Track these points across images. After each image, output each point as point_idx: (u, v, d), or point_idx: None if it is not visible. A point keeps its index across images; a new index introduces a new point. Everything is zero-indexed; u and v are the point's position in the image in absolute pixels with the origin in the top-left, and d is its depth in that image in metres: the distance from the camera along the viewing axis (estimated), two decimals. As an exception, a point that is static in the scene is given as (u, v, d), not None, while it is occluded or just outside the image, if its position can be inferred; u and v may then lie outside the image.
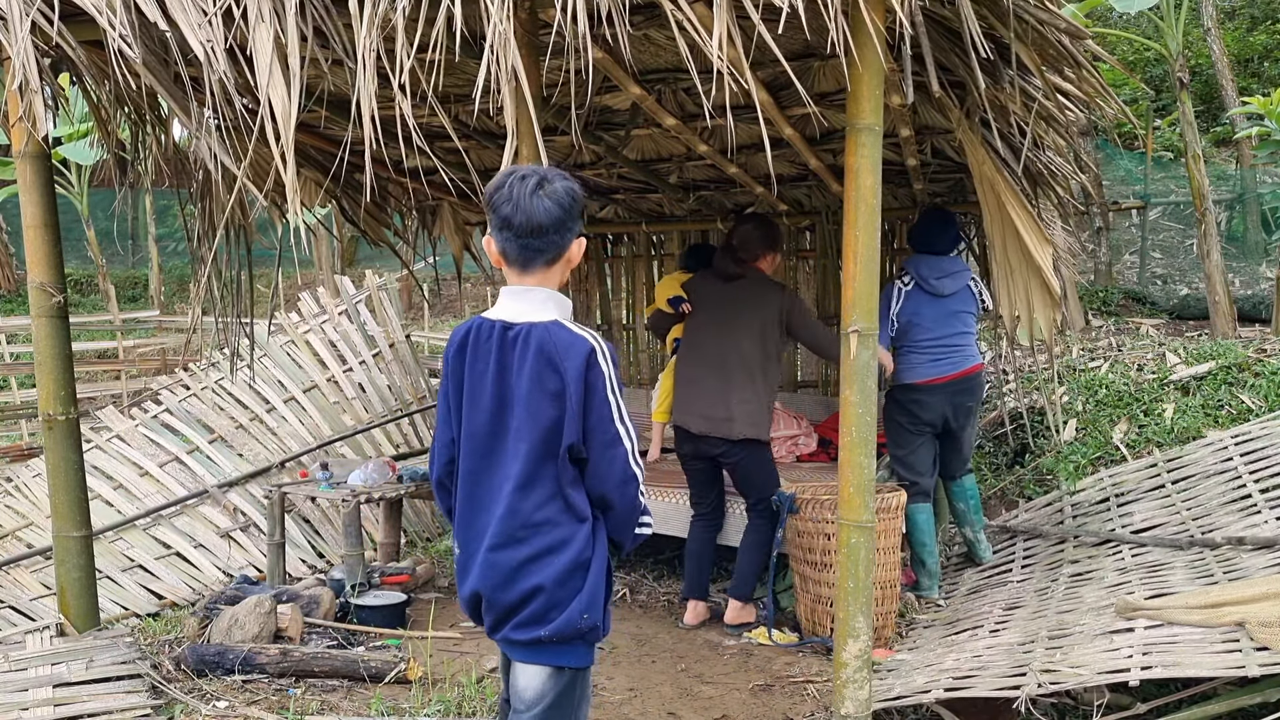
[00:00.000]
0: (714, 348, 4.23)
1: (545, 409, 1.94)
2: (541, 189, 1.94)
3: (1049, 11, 2.89)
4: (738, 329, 4.21)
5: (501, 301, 2.03)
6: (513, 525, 1.97)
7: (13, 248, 15.35)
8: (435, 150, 2.72)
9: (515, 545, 1.97)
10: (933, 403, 4.61)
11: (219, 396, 7.20)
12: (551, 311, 1.99)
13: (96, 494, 6.15)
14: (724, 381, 4.17)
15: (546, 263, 1.99)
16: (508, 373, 1.98)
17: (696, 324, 4.35)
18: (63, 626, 3.69)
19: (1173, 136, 13.96)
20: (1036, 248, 3.89)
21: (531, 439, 1.95)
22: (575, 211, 1.98)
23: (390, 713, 3.21)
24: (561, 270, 2.03)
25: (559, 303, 2.01)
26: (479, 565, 2.01)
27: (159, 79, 2.78)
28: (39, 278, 3.61)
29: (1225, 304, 9.03)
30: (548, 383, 1.93)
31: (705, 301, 4.35)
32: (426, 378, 8.01)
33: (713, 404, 4.16)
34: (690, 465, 4.37)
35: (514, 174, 1.97)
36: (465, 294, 14.40)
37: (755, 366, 4.18)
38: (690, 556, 4.40)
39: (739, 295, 4.25)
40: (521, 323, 1.97)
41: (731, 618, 4.24)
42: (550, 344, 1.94)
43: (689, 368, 4.30)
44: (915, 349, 4.66)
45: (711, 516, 4.41)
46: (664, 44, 3.40)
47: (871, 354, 2.76)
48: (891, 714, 3.15)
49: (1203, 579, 3.87)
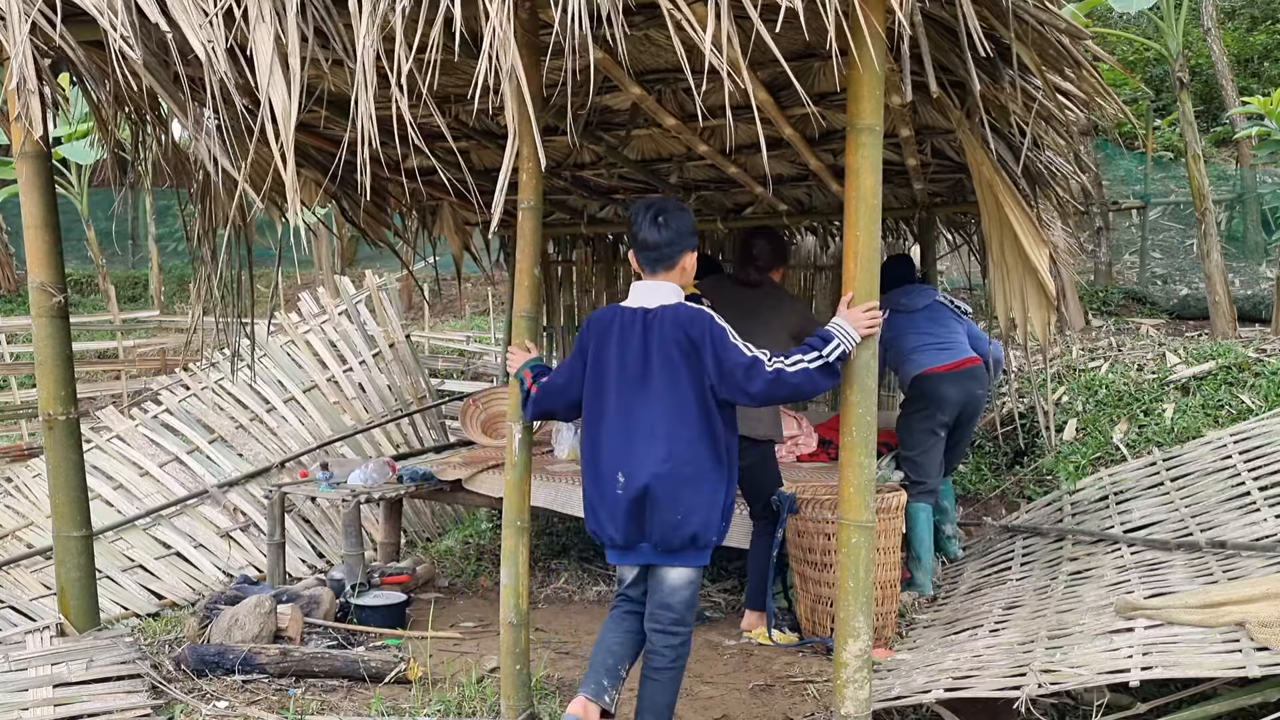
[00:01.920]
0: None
1: (681, 363, 2.67)
2: (658, 218, 2.74)
3: (1049, 11, 2.89)
4: (759, 332, 4.24)
5: (635, 293, 2.80)
6: (675, 452, 2.67)
7: (13, 248, 15.36)
8: (435, 150, 2.73)
9: (680, 466, 2.67)
10: (950, 393, 4.78)
11: (219, 396, 7.20)
12: (674, 297, 2.76)
13: (96, 494, 6.16)
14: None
15: (665, 268, 2.78)
16: (650, 339, 2.71)
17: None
18: (63, 626, 3.69)
19: (1173, 136, 13.95)
20: (1033, 249, 3.89)
21: (679, 385, 2.68)
22: (685, 232, 2.77)
23: (390, 713, 3.22)
24: (679, 273, 2.80)
25: (677, 292, 2.78)
26: (646, 481, 2.67)
27: (159, 79, 2.78)
28: (39, 278, 3.61)
29: (1225, 304, 9.03)
30: (683, 343, 2.68)
31: (726, 304, 4.37)
32: (426, 378, 8.02)
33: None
34: None
35: (641, 204, 2.78)
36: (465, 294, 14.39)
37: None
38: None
39: (761, 301, 4.37)
40: (656, 306, 2.74)
41: (749, 624, 4.25)
42: (681, 317, 2.70)
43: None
44: (916, 349, 4.90)
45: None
46: (664, 44, 3.40)
47: (872, 354, 2.76)
48: (891, 714, 3.15)
49: (1202, 578, 3.87)
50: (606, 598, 4.88)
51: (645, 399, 2.71)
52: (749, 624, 4.24)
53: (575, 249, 7.20)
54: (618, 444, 2.75)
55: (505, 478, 3.10)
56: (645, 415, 2.70)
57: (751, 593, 4.26)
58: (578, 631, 4.28)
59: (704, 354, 2.65)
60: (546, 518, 5.63)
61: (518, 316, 3.07)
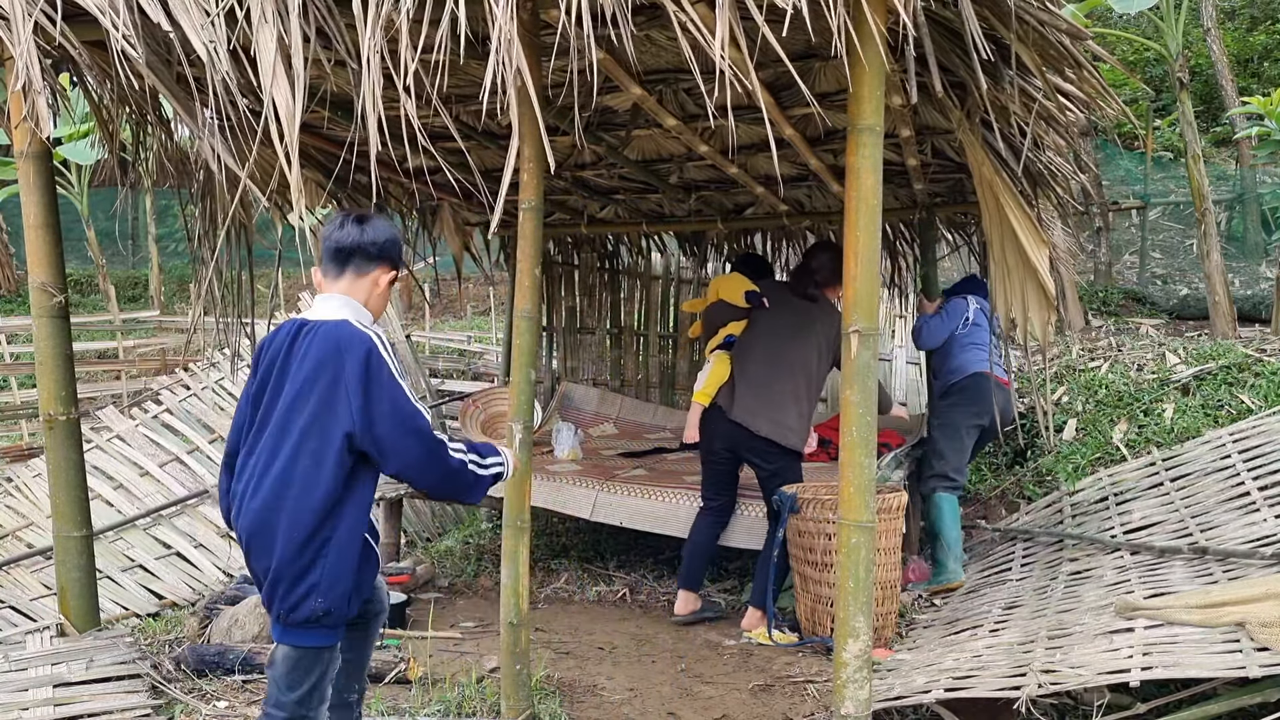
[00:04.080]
0: (785, 355, 4.31)
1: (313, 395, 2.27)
2: (360, 221, 2.40)
3: (1050, 12, 2.89)
4: (808, 344, 4.33)
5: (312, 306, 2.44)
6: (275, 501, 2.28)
7: (13, 248, 15.34)
8: (436, 150, 2.73)
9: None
10: (1000, 401, 4.90)
11: (219, 396, 7.21)
12: (344, 313, 2.33)
13: (97, 494, 6.16)
14: (791, 389, 4.27)
15: (352, 274, 2.39)
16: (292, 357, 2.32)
17: (769, 328, 4.42)
18: (63, 626, 3.69)
19: (1173, 136, 13.96)
20: (1033, 249, 3.90)
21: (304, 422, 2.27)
22: (388, 245, 2.41)
23: (390, 713, 3.22)
24: (365, 288, 2.40)
25: (353, 308, 2.36)
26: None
27: (162, 79, 2.78)
28: (40, 278, 3.61)
29: (1225, 304, 9.03)
30: (325, 370, 2.25)
31: (780, 309, 4.45)
32: (427, 378, 8.02)
33: (779, 408, 4.24)
34: (716, 458, 4.40)
35: (341, 212, 2.48)
36: (465, 294, 14.40)
37: (815, 383, 4.35)
38: (692, 547, 4.41)
39: (813, 313, 4.40)
40: (315, 320, 2.33)
41: (750, 624, 4.25)
42: (338, 336, 2.27)
43: (759, 367, 4.33)
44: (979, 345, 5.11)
45: (721, 512, 4.44)
46: (666, 44, 3.40)
47: (872, 354, 2.77)
48: (891, 714, 3.15)
49: (1202, 578, 3.87)
50: (607, 598, 4.88)
51: (268, 431, 2.27)
52: (749, 624, 4.25)
53: (580, 254, 7.21)
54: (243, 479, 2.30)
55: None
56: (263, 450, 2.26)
57: (757, 591, 4.27)
58: (578, 631, 4.29)
59: (347, 391, 2.20)
60: (546, 518, 5.63)
61: (518, 316, 3.07)
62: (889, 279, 6.62)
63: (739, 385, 4.35)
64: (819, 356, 4.35)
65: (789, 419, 4.24)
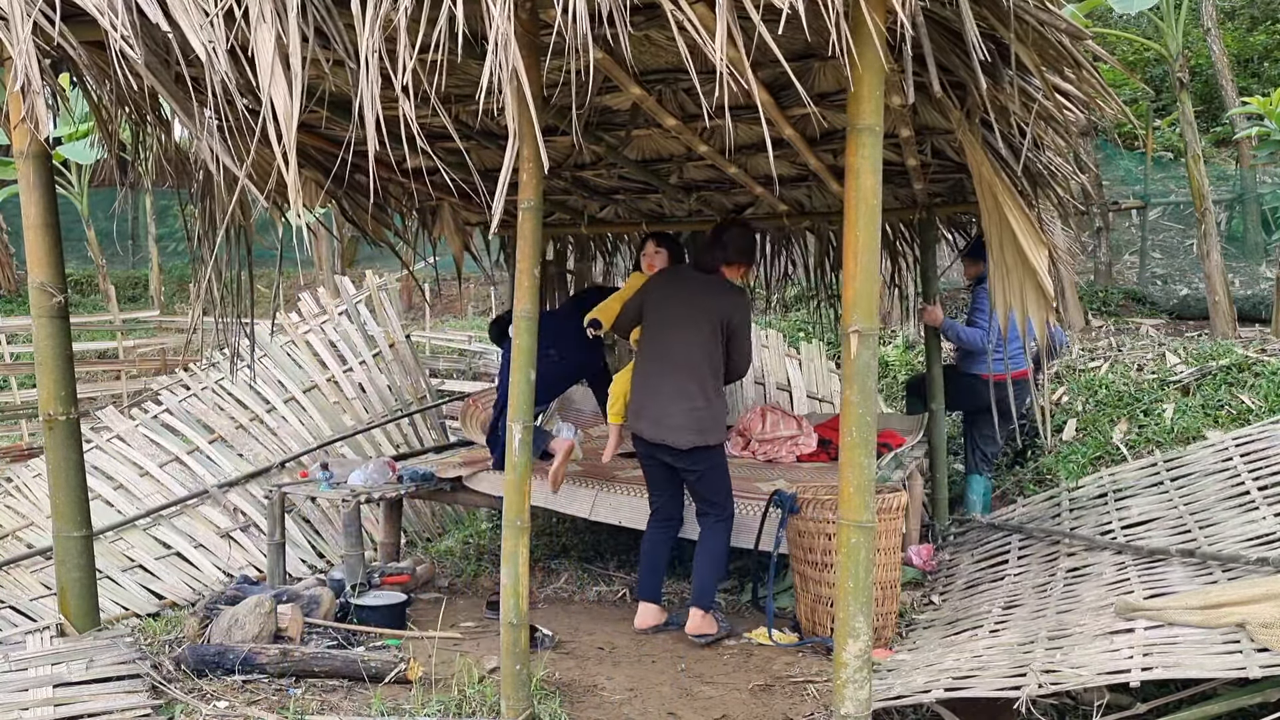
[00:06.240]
0: (669, 350, 4.15)
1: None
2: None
3: (1049, 12, 2.89)
4: (700, 329, 4.12)
5: None
6: None
7: (13, 248, 15.35)
8: (435, 150, 2.73)
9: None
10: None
11: (219, 397, 7.20)
12: None
13: (97, 494, 6.16)
14: (695, 383, 4.09)
15: None
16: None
17: (653, 325, 4.23)
18: (63, 626, 3.69)
19: (1173, 136, 13.95)
20: (1032, 249, 3.90)
21: None
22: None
23: (390, 713, 3.22)
24: None
25: None
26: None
27: (160, 79, 2.78)
28: (39, 278, 3.61)
29: (1225, 304, 9.03)
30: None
31: (664, 302, 4.24)
32: (426, 378, 8.02)
33: (664, 410, 4.08)
34: (647, 464, 4.29)
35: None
36: (465, 294, 14.40)
37: (707, 370, 4.13)
38: (644, 556, 4.30)
39: (709, 289, 4.20)
40: None
41: (693, 628, 4.09)
42: None
43: (655, 372, 4.17)
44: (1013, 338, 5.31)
45: (666, 518, 4.32)
46: (664, 44, 3.40)
47: (872, 354, 2.76)
48: (891, 714, 3.15)
49: (1202, 578, 3.87)
50: (607, 598, 4.88)
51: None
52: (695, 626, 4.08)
53: (582, 260, 7.21)
54: None
55: (505, 478, 3.09)
56: None
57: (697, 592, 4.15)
58: (578, 631, 4.28)
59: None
60: (546, 518, 5.63)
61: (518, 316, 3.07)
62: (889, 279, 6.62)
63: (641, 395, 4.19)
64: (712, 338, 4.12)
65: (701, 418, 4.05)
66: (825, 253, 6.71)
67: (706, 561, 4.15)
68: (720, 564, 4.19)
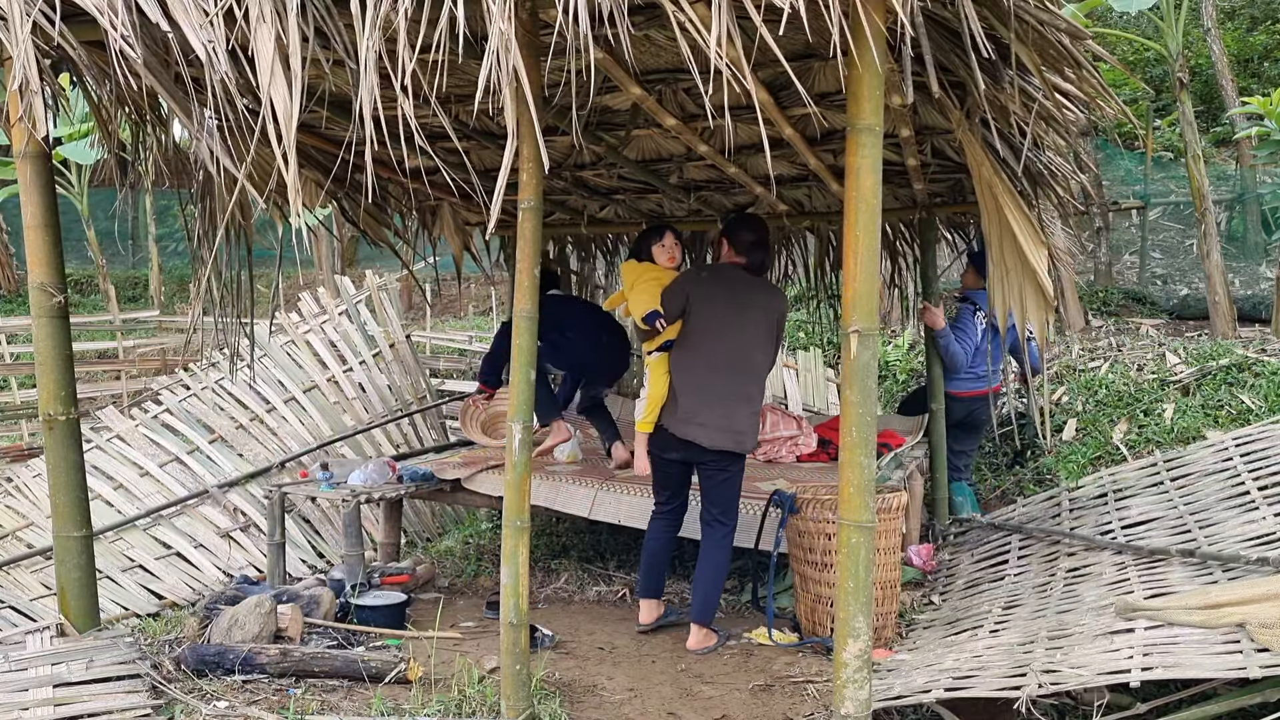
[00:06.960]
0: (728, 354, 3.96)
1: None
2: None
3: (1049, 12, 2.89)
4: (756, 332, 3.99)
5: None
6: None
7: (13, 248, 15.32)
8: (435, 150, 2.72)
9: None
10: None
11: (219, 396, 7.21)
12: None
13: (97, 494, 6.16)
14: (741, 390, 3.97)
15: None
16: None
17: (705, 329, 3.97)
18: (63, 626, 3.69)
19: (1173, 136, 13.94)
20: (1032, 250, 3.90)
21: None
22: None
23: (390, 713, 3.22)
24: None
25: None
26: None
27: (160, 79, 2.78)
28: (39, 278, 3.61)
29: (1225, 304, 9.03)
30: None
31: (714, 302, 4.00)
32: (426, 378, 8.02)
33: (731, 414, 3.92)
34: (666, 465, 4.13)
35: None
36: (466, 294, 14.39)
37: (764, 372, 4.08)
38: (648, 554, 4.20)
39: (759, 290, 4.05)
40: None
41: (695, 643, 4.01)
42: None
43: (704, 372, 3.96)
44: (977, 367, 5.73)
45: (674, 513, 4.23)
46: (665, 44, 3.40)
47: (872, 354, 2.76)
48: (891, 714, 3.15)
49: (1202, 578, 3.87)
50: (607, 598, 4.88)
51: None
52: (697, 642, 4.02)
53: (585, 262, 7.20)
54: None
55: (505, 478, 3.09)
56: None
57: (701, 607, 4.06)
58: (578, 631, 4.28)
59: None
60: (546, 517, 5.63)
61: (518, 316, 3.07)
62: (889, 279, 6.62)
63: (683, 396, 3.96)
64: (769, 340, 4.03)
65: (742, 423, 3.94)
66: (825, 253, 6.71)
67: (710, 575, 4.03)
68: (723, 577, 4.11)
